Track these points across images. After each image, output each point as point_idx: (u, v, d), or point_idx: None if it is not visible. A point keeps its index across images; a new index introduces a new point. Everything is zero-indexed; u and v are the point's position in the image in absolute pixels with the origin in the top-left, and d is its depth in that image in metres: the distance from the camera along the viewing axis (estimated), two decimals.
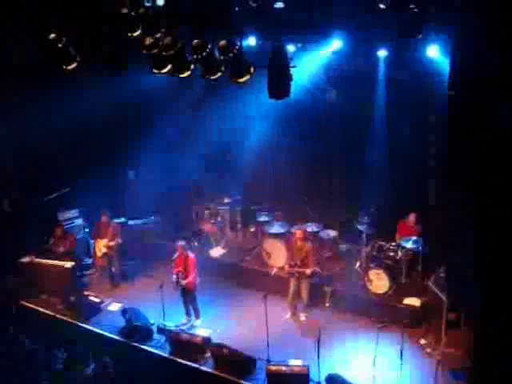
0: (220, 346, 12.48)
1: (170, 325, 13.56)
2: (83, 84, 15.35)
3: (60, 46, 12.57)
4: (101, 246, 15.92)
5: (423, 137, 14.43)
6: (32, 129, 15.38)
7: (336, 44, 12.69)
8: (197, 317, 14.19)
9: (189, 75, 12.00)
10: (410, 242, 14.36)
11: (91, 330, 14.07)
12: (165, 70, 12.06)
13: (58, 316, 14.55)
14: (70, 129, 15.87)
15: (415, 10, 10.42)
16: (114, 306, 14.71)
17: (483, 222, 9.32)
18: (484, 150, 9.07)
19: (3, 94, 15.02)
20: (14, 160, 16.22)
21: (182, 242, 13.92)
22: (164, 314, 13.44)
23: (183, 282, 13.69)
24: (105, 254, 15.95)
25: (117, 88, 15.27)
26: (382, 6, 10.22)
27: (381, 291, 14.26)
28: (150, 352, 13.19)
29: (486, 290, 9.53)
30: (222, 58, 11.49)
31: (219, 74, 11.76)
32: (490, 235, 9.27)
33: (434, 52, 12.07)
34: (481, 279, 9.53)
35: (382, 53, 13.07)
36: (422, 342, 12.93)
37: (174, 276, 13.68)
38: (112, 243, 15.78)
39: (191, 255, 13.92)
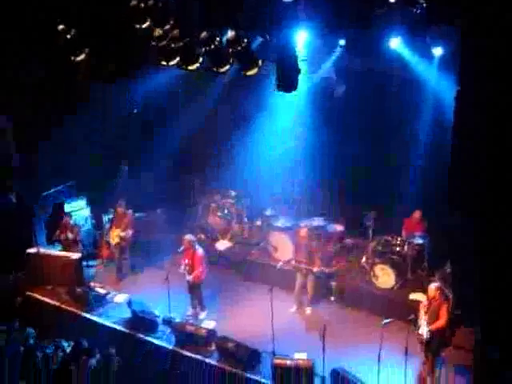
0: (225, 339, 12.50)
1: (176, 317, 13.58)
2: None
3: (68, 37, 12.59)
4: (114, 236, 15.97)
5: (432, 140, 14.44)
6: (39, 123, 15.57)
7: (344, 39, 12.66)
8: (202, 309, 14.21)
9: (197, 68, 12.01)
10: (417, 238, 14.36)
11: (97, 321, 14.10)
12: (173, 63, 12.07)
13: (63, 307, 14.58)
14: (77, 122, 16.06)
15: (424, 4, 10.39)
16: (120, 298, 14.70)
17: (484, 246, 9.35)
18: (486, 174, 9.10)
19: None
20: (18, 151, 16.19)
21: (189, 237, 13.90)
22: (169, 305, 13.49)
23: (188, 277, 13.73)
24: (118, 244, 15.98)
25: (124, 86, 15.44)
26: (391, 0, 10.20)
27: (387, 286, 14.25)
28: (155, 344, 13.22)
29: (487, 310, 9.57)
30: (230, 50, 11.49)
31: (227, 66, 11.77)
32: (492, 258, 9.30)
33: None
34: (482, 303, 9.59)
35: (395, 44, 12.72)
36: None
37: (182, 267, 13.71)
38: (123, 234, 15.82)
39: (199, 251, 13.87)
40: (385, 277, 14.24)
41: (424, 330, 11.33)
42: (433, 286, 11.69)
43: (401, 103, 14.89)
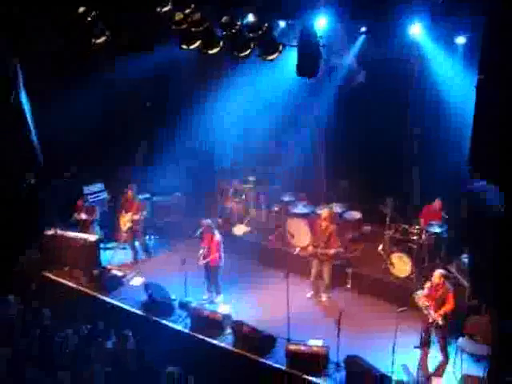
0: (240, 324, 12.53)
1: (192, 300, 13.62)
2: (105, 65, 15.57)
3: (89, 19, 12.59)
4: (125, 220, 15.97)
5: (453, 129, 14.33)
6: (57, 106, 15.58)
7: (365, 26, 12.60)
8: (218, 293, 14.24)
9: (217, 52, 11.99)
10: (435, 227, 14.27)
11: (113, 304, 14.18)
12: (193, 46, 12.05)
13: (80, 289, 14.67)
14: (94, 103, 16.07)
15: None
16: (137, 281, 14.79)
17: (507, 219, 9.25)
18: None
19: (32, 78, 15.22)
20: (38, 134, 16.20)
21: (207, 221, 13.92)
22: (186, 289, 13.53)
23: (203, 261, 13.76)
24: (129, 228, 15.98)
25: (142, 67, 15.41)
26: None
27: (403, 275, 14.20)
28: (171, 327, 13.28)
29: (501, 287, 9.48)
30: (251, 35, 11.46)
31: (248, 51, 11.75)
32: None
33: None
34: (497, 276, 9.48)
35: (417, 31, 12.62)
36: None
37: (200, 251, 13.74)
38: (136, 217, 15.83)
39: (217, 236, 13.90)
40: (401, 265, 14.18)
41: (434, 317, 11.31)
42: (437, 273, 11.66)
43: (422, 91, 14.79)
